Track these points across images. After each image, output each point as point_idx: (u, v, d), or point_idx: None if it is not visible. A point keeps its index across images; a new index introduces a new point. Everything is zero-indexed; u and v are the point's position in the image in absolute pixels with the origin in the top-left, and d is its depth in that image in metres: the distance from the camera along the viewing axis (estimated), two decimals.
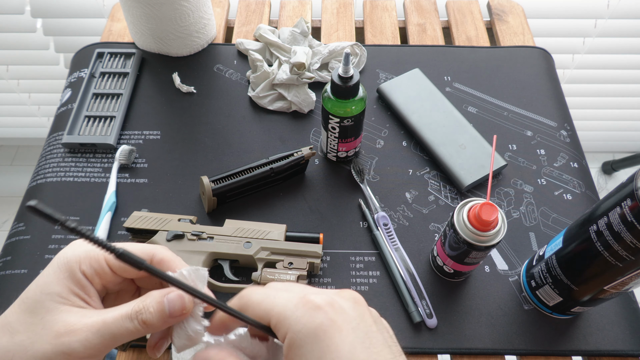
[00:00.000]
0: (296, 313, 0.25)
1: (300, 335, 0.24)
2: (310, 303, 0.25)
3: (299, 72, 0.68)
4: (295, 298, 0.26)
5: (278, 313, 0.26)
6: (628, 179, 0.39)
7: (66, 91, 0.73)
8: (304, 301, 0.25)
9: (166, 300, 0.28)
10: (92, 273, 0.29)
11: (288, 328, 0.25)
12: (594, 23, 1.08)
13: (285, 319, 0.25)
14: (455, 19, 0.83)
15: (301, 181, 0.64)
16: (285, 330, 0.25)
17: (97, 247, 0.25)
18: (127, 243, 0.30)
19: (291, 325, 0.25)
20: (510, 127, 0.69)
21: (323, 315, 0.25)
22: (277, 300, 0.26)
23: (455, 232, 0.47)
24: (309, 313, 0.25)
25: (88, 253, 0.29)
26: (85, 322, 0.27)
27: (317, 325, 0.24)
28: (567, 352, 0.52)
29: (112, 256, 0.26)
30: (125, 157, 0.63)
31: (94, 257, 0.29)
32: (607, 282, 0.44)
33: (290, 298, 0.26)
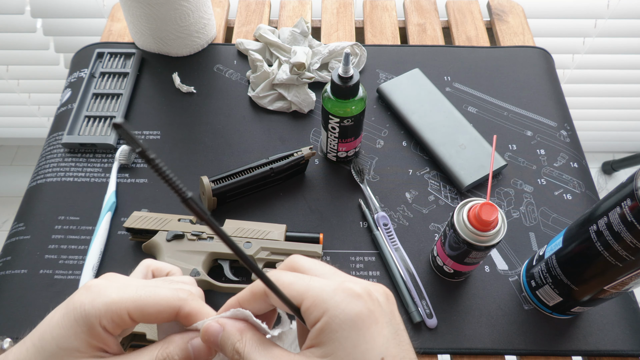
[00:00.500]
0: (335, 298, 0.24)
1: (337, 320, 0.24)
2: (350, 290, 0.25)
3: (299, 72, 0.68)
4: (333, 283, 0.25)
5: (314, 296, 0.25)
6: (628, 179, 0.39)
7: (66, 91, 0.73)
8: (343, 287, 0.25)
9: (190, 346, 0.27)
10: (113, 327, 0.26)
11: (324, 311, 0.24)
12: (594, 23, 1.08)
13: (322, 302, 0.25)
14: (455, 19, 0.83)
15: (301, 181, 0.64)
16: (321, 314, 0.24)
17: (167, 185, 0.23)
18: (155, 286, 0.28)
19: (329, 309, 0.24)
20: (510, 127, 0.69)
21: (362, 304, 0.24)
22: (313, 283, 0.26)
23: (455, 232, 0.47)
24: (349, 300, 0.24)
25: (109, 307, 0.26)
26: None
27: (356, 313, 0.24)
28: (567, 352, 0.52)
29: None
30: (125, 157, 0.63)
31: (116, 311, 0.26)
32: (607, 282, 0.44)
33: (328, 283, 0.26)
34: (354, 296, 0.25)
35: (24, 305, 0.53)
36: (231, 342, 0.26)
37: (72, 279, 0.55)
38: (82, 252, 0.57)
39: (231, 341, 0.26)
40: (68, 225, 0.59)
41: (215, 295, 0.54)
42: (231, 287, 0.52)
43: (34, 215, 0.60)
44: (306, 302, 0.25)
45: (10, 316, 0.53)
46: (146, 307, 0.27)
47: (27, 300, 0.54)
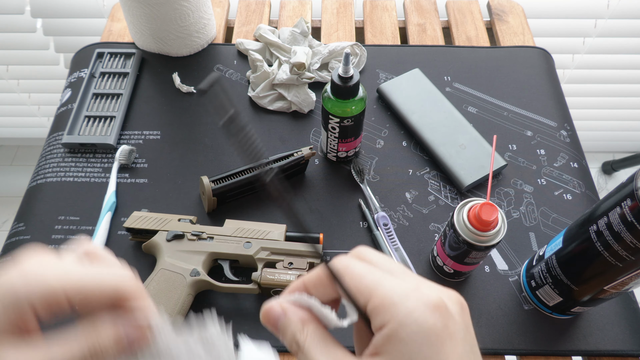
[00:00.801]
0: (407, 304, 0.22)
1: (407, 330, 0.22)
2: (425, 298, 0.22)
3: (299, 72, 0.68)
4: (407, 286, 0.23)
5: (384, 296, 0.22)
6: (628, 179, 0.39)
7: (66, 91, 0.73)
8: (418, 293, 0.23)
9: (122, 328, 0.25)
10: (44, 308, 0.23)
11: (393, 317, 0.22)
12: (594, 23, 1.08)
13: (392, 305, 0.22)
14: (455, 19, 0.83)
15: (301, 181, 0.64)
16: (389, 318, 0.22)
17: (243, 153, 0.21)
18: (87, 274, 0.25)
19: (399, 314, 0.22)
20: (510, 127, 0.69)
21: (438, 316, 0.22)
22: (385, 282, 0.23)
23: (455, 232, 0.47)
24: (423, 309, 0.22)
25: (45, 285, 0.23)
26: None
27: (430, 327, 0.22)
28: (567, 352, 0.52)
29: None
30: (125, 157, 0.63)
31: (53, 292, 0.23)
32: (607, 282, 0.44)
33: (401, 285, 0.23)
34: (429, 305, 0.22)
35: None
36: (291, 331, 0.25)
37: None
38: None
39: (291, 330, 0.25)
40: (68, 225, 0.59)
41: (215, 295, 0.54)
42: (231, 287, 0.52)
43: (34, 215, 0.60)
44: (374, 301, 0.23)
45: None
46: (85, 288, 0.24)
47: None
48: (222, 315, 0.53)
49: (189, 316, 0.52)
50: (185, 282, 0.50)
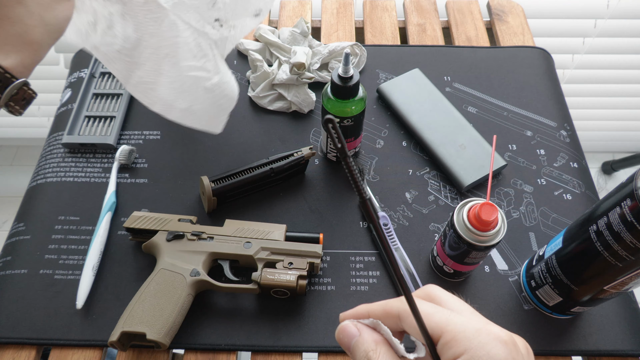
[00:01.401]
0: (479, 338, 0.24)
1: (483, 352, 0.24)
2: (495, 334, 0.25)
3: (299, 72, 0.68)
4: (477, 323, 0.26)
5: (456, 331, 0.25)
6: (628, 179, 0.39)
7: (66, 91, 0.73)
8: (488, 329, 0.25)
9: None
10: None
11: (466, 350, 0.24)
12: (593, 23, 1.08)
13: (465, 339, 0.25)
14: (455, 19, 0.83)
15: (301, 181, 0.64)
16: (462, 351, 0.24)
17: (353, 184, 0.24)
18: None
19: (472, 348, 0.24)
20: (510, 127, 0.69)
21: (508, 351, 0.24)
22: (455, 319, 0.26)
23: (455, 232, 0.47)
24: (494, 343, 0.24)
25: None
26: None
27: (501, 359, 0.24)
28: (567, 352, 0.52)
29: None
30: (125, 157, 0.63)
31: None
32: (607, 282, 0.44)
33: (470, 321, 0.26)
34: (499, 341, 0.24)
35: (24, 305, 0.53)
36: (364, 349, 0.27)
37: (72, 279, 0.55)
38: (82, 252, 0.57)
39: (365, 348, 0.27)
40: (68, 225, 0.59)
41: (215, 295, 0.54)
42: (231, 287, 0.52)
43: (34, 215, 0.60)
44: (446, 336, 0.25)
45: (10, 316, 0.53)
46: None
47: (27, 300, 0.54)
48: (222, 316, 0.53)
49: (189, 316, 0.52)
50: (185, 282, 0.50)
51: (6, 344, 0.52)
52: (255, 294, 0.54)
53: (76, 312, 0.53)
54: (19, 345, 0.52)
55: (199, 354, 0.51)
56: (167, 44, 0.47)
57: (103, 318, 0.53)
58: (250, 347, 0.51)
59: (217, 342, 0.51)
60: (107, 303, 0.53)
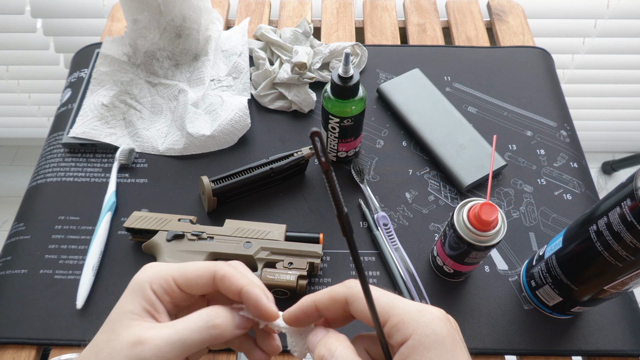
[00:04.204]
0: (423, 319, 0.26)
1: (429, 340, 0.26)
2: (434, 314, 0.27)
3: (300, 71, 0.68)
4: (417, 305, 0.27)
5: (402, 314, 0.27)
6: (628, 179, 0.39)
7: (66, 91, 0.73)
8: (429, 311, 0.27)
9: (238, 312, 0.30)
10: (162, 292, 0.30)
11: (415, 330, 0.26)
12: (594, 23, 1.08)
13: (412, 320, 0.26)
14: (455, 19, 0.83)
15: (301, 181, 0.64)
16: (410, 332, 0.26)
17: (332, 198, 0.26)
18: (192, 262, 0.32)
19: (419, 328, 0.26)
20: (510, 127, 0.69)
21: (449, 326, 0.26)
22: (399, 302, 0.28)
23: (455, 232, 0.47)
24: (436, 322, 0.26)
25: (158, 274, 0.30)
26: (155, 333, 0.28)
27: (446, 335, 0.26)
28: (567, 352, 0.52)
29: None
30: (125, 157, 0.63)
31: (163, 277, 0.30)
32: (607, 282, 0.44)
33: (411, 303, 0.27)
34: (440, 319, 0.26)
35: (24, 305, 0.53)
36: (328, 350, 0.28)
37: (72, 279, 0.55)
38: (82, 252, 0.57)
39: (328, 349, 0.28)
40: (68, 225, 0.59)
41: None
42: None
43: (34, 215, 0.60)
44: (393, 319, 0.27)
45: (10, 316, 0.53)
46: (187, 271, 0.30)
47: (27, 300, 0.54)
48: None
49: None
50: None
51: (6, 344, 0.52)
52: None
53: (76, 312, 0.53)
54: (19, 345, 0.52)
55: None
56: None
57: (103, 318, 0.52)
58: None
59: None
60: (107, 303, 0.53)
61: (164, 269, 0.31)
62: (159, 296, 0.30)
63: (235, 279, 0.30)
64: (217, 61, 0.72)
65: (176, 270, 0.31)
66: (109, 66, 0.69)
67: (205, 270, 0.31)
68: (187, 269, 0.31)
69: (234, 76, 0.71)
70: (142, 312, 0.29)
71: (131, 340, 0.28)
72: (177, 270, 0.31)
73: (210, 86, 0.70)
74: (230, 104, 0.66)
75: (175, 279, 0.30)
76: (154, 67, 0.69)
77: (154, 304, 0.30)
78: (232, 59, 0.72)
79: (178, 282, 0.30)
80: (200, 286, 0.31)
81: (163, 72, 0.70)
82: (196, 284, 0.31)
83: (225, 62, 0.73)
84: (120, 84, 0.68)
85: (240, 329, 0.30)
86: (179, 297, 0.31)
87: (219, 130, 0.64)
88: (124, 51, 0.69)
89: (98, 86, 0.68)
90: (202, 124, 0.64)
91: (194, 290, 0.31)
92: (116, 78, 0.68)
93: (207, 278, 0.31)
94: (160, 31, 0.68)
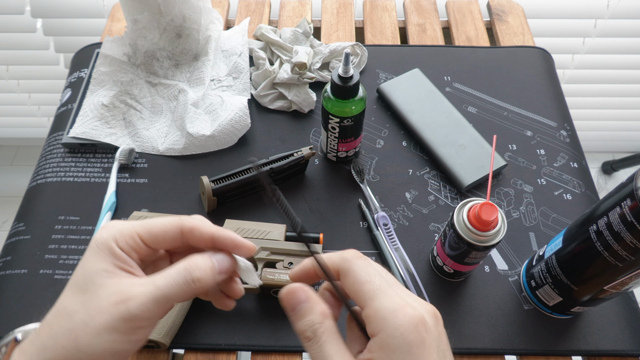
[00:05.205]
0: (395, 320, 0.26)
1: (395, 343, 0.26)
2: (410, 316, 0.26)
3: (300, 71, 0.68)
4: (397, 303, 0.27)
5: (377, 309, 0.27)
6: (628, 179, 0.39)
7: (66, 91, 0.73)
8: (404, 312, 0.27)
9: (215, 260, 0.30)
10: (128, 248, 0.30)
11: (384, 329, 0.26)
12: (594, 23, 1.08)
13: (383, 319, 0.26)
14: (455, 19, 0.83)
15: (301, 181, 0.64)
16: (380, 329, 0.26)
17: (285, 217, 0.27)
18: (155, 218, 0.32)
19: (388, 328, 0.26)
20: (510, 127, 0.69)
21: (417, 333, 0.26)
22: (379, 295, 0.27)
23: (455, 232, 0.47)
24: (407, 325, 0.26)
25: (121, 231, 0.30)
26: (137, 290, 0.28)
27: (412, 340, 0.26)
28: (567, 352, 0.52)
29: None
30: (125, 157, 0.63)
31: (128, 233, 0.30)
32: (607, 282, 0.44)
33: (392, 299, 0.27)
34: (413, 323, 0.26)
35: (24, 305, 0.53)
36: (310, 320, 0.28)
37: None
38: (82, 252, 0.57)
39: (311, 319, 0.28)
40: (68, 225, 0.59)
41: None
42: None
43: (34, 215, 0.60)
44: (368, 310, 0.27)
45: (10, 316, 0.53)
46: (152, 227, 0.30)
47: (27, 300, 0.54)
48: (222, 316, 0.53)
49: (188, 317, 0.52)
50: None
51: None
52: (255, 294, 0.54)
53: None
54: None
55: (199, 354, 0.51)
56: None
57: None
58: (250, 347, 0.51)
59: (217, 342, 0.51)
60: None
61: (126, 226, 0.30)
62: (126, 252, 0.30)
63: (204, 228, 0.31)
64: (217, 61, 0.72)
65: (139, 226, 0.30)
66: (109, 66, 0.69)
67: (171, 225, 0.31)
68: (152, 224, 0.31)
69: (234, 76, 0.71)
70: (114, 269, 0.29)
71: (113, 299, 0.27)
72: (141, 227, 0.30)
73: (210, 86, 0.70)
74: (230, 104, 0.66)
75: (141, 235, 0.30)
76: (154, 67, 0.69)
77: (125, 261, 0.29)
78: (232, 59, 0.72)
79: (143, 237, 0.30)
80: (167, 241, 0.31)
81: (163, 72, 0.70)
82: (163, 239, 0.31)
83: (225, 62, 0.73)
84: (120, 84, 0.68)
85: (222, 274, 0.30)
86: (145, 253, 0.31)
87: (219, 130, 0.64)
88: (124, 51, 0.69)
89: (98, 86, 0.68)
90: (202, 124, 0.64)
91: (160, 245, 0.31)
92: (116, 78, 0.68)
93: (173, 232, 0.31)
94: (160, 31, 0.68)
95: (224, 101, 0.66)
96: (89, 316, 0.27)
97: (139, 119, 0.67)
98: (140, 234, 0.30)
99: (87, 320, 0.27)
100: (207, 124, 0.65)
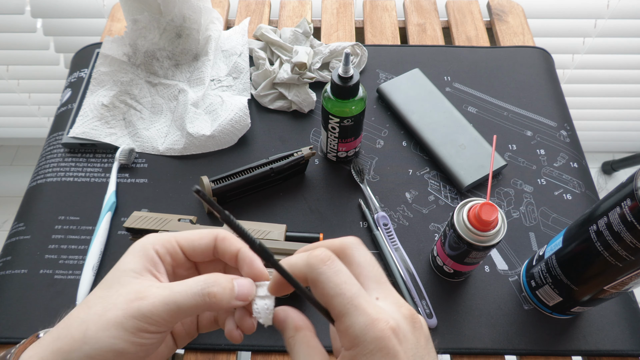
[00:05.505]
0: (365, 337, 0.26)
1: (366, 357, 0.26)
2: (380, 331, 0.26)
3: (300, 72, 0.68)
4: (369, 317, 0.26)
5: (349, 325, 0.26)
6: (628, 179, 0.39)
7: (66, 91, 0.73)
8: (375, 328, 0.26)
9: (236, 283, 0.30)
10: (164, 252, 0.31)
11: (355, 345, 0.26)
12: (594, 23, 1.08)
13: (354, 337, 0.26)
14: (455, 19, 0.83)
15: (301, 181, 0.64)
16: (351, 344, 0.26)
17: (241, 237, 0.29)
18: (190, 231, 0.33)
19: (359, 345, 0.26)
20: (510, 127, 0.69)
21: (391, 347, 0.26)
22: (350, 309, 0.27)
23: (455, 232, 0.47)
24: (377, 342, 0.26)
25: (161, 237, 0.32)
26: (153, 291, 0.28)
27: (385, 355, 0.26)
28: (567, 352, 0.52)
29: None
30: (125, 157, 0.63)
31: (166, 239, 0.32)
32: (607, 282, 0.44)
33: (365, 313, 0.26)
34: (384, 338, 0.26)
35: (24, 305, 0.53)
36: (287, 335, 0.30)
37: (72, 279, 0.55)
38: (82, 252, 0.57)
39: (286, 334, 0.30)
40: (68, 225, 0.59)
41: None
42: None
43: (34, 215, 0.60)
44: (339, 326, 0.27)
45: (10, 316, 0.53)
46: (189, 234, 0.32)
47: (27, 300, 0.54)
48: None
49: None
50: None
51: (6, 344, 0.52)
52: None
53: None
54: None
55: (199, 354, 0.51)
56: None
57: None
58: (250, 347, 0.51)
59: (217, 342, 0.51)
60: None
61: (166, 234, 0.32)
62: (161, 256, 0.31)
63: (234, 240, 0.32)
64: (217, 61, 0.72)
65: (179, 234, 0.32)
66: (109, 66, 0.69)
67: (208, 233, 0.32)
68: (190, 232, 0.32)
69: (234, 76, 0.71)
70: (143, 271, 0.30)
71: (130, 297, 0.28)
72: (180, 235, 0.32)
73: (210, 86, 0.70)
74: (230, 104, 0.66)
75: (179, 241, 0.32)
76: (154, 67, 0.69)
77: (156, 264, 0.31)
78: (232, 59, 0.72)
79: (181, 243, 0.32)
80: (202, 248, 0.32)
81: (163, 72, 0.70)
82: (199, 244, 0.32)
83: (225, 62, 0.73)
84: (120, 84, 0.68)
85: (239, 300, 0.30)
86: (181, 263, 0.32)
87: (219, 130, 0.64)
88: (124, 51, 0.69)
89: (98, 86, 0.68)
90: (202, 124, 0.64)
91: (195, 253, 0.32)
92: (116, 78, 0.68)
93: (209, 240, 0.32)
94: (160, 31, 0.68)
95: (224, 101, 0.66)
96: (104, 309, 0.28)
97: (139, 119, 0.67)
98: (178, 240, 0.32)
99: (100, 313, 0.28)
100: (207, 124, 0.65)
